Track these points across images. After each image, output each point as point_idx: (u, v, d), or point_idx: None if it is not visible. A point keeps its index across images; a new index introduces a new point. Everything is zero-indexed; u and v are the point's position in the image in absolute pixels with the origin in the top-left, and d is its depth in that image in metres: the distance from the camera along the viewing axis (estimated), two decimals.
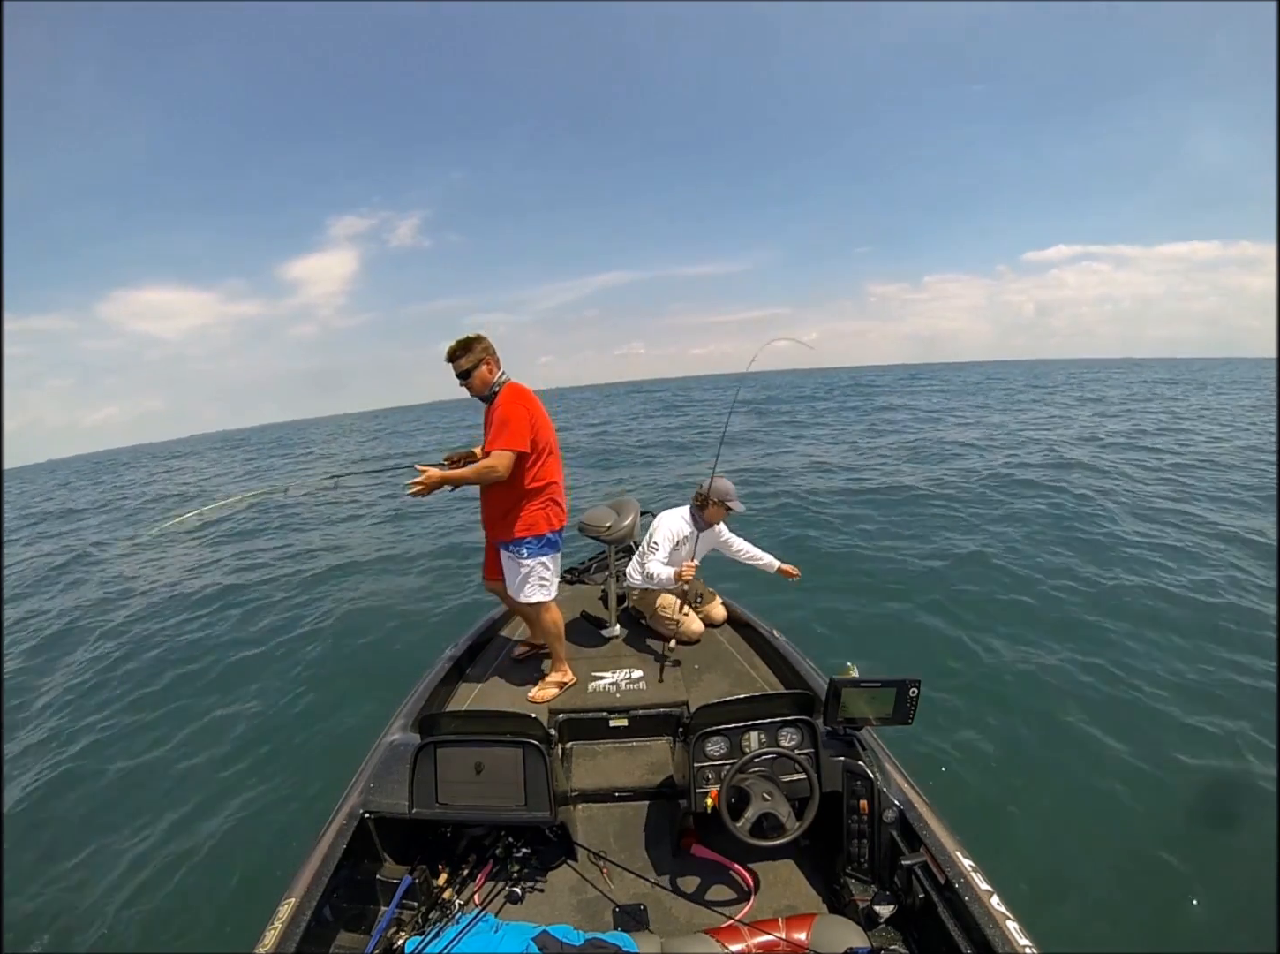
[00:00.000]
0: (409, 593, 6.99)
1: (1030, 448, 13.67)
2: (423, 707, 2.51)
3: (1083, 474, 10.54)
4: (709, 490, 3.05)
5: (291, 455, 30.70)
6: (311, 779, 3.60)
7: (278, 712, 4.55)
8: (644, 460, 15.82)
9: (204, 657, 5.76)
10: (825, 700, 2.04)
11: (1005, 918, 1.51)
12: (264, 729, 4.33)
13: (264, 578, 8.21)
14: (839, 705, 2.01)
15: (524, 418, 2.52)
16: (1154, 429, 16.42)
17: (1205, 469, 10.73)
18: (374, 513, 12.03)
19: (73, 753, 4.34)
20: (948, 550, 6.93)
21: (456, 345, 2.56)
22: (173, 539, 11.25)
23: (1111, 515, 8.03)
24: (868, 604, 5.52)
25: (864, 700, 2.00)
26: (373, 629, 5.86)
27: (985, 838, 2.54)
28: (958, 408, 24.74)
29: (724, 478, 3.07)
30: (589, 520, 3.29)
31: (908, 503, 9.18)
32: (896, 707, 1.98)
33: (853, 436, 17.46)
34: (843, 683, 2.00)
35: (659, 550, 3.12)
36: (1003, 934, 1.47)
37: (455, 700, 2.76)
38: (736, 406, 27.24)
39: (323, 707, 4.50)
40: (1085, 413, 21.30)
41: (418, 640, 5.45)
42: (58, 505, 19.46)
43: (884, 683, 1.98)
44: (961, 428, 18.18)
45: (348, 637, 5.78)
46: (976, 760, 3.42)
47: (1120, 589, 5.62)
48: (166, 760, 4.12)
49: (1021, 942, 1.45)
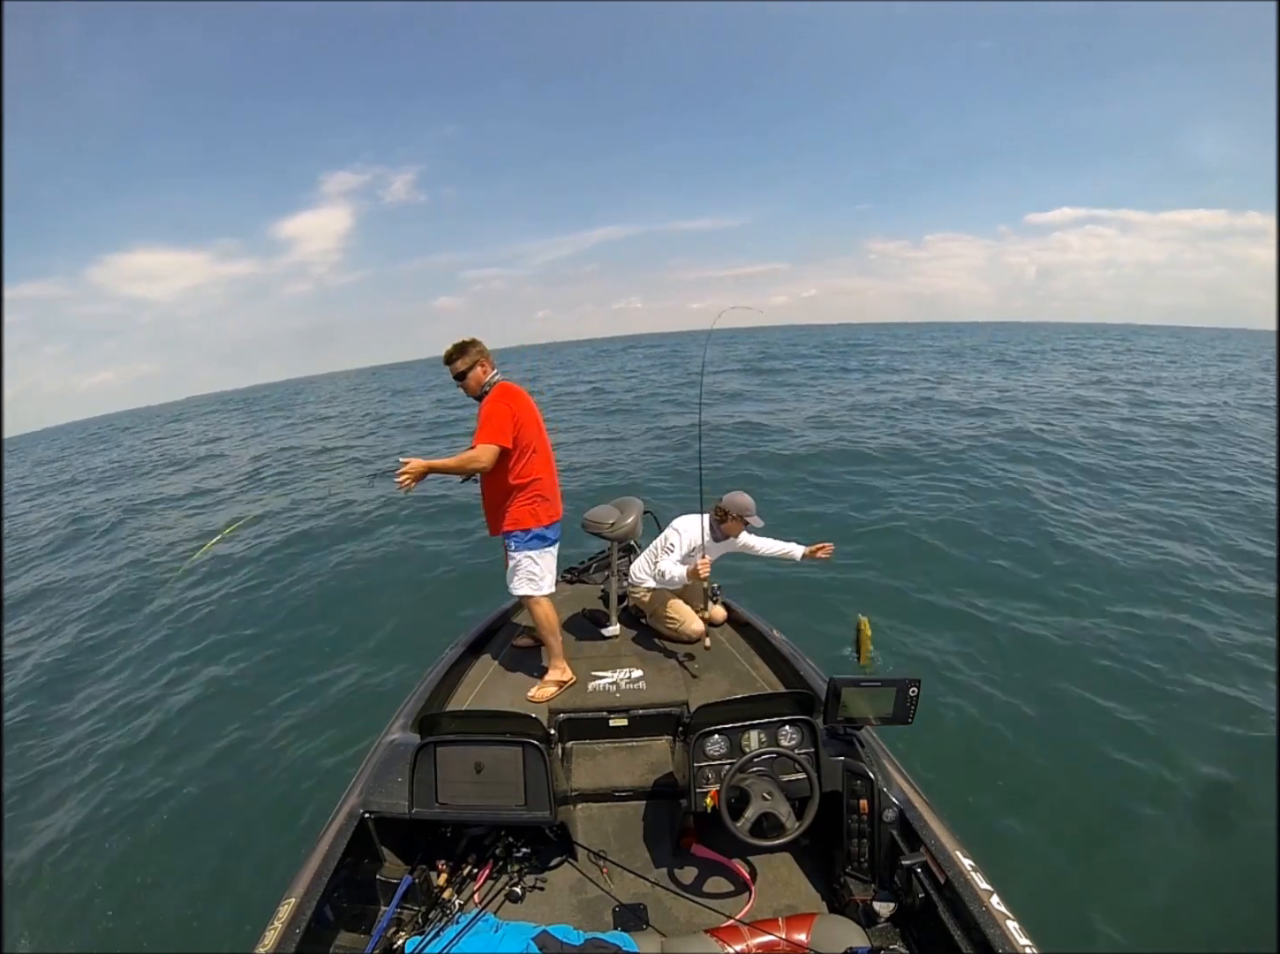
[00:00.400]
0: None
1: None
2: (423, 706, 2.51)
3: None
4: (728, 505, 3.09)
5: (290, 418, 29.92)
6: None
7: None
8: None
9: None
10: (825, 700, 2.04)
11: (1005, 918, 1.51)
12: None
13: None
14: (839, 705, 2.01)
15: (507, 414, 2.62)
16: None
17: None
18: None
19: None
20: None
21: (453, 349, 2.71)
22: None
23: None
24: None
25: (864, 700, 2.00)
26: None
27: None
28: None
29: (743, 493, 3.12)
30: (592, 517, 3.30)
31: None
32: (896, 706, 1.98)
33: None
34: (843, 682, 2.00)
35: (674, 552, 3.13)
36: (1003, 934, 1.47)
37: (455, 700, 2.76)
38: (729, 367, 27.15)
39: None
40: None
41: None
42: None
43: (884, 682, 1.97)
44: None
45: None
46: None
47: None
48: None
49: (1021, 941, 1.45)
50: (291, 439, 20.54)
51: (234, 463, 17.09)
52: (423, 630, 5.14)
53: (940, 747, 3.47)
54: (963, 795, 3.13)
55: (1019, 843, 2.87)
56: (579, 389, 25.35)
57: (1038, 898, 2.51)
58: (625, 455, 11.84)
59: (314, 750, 3.96)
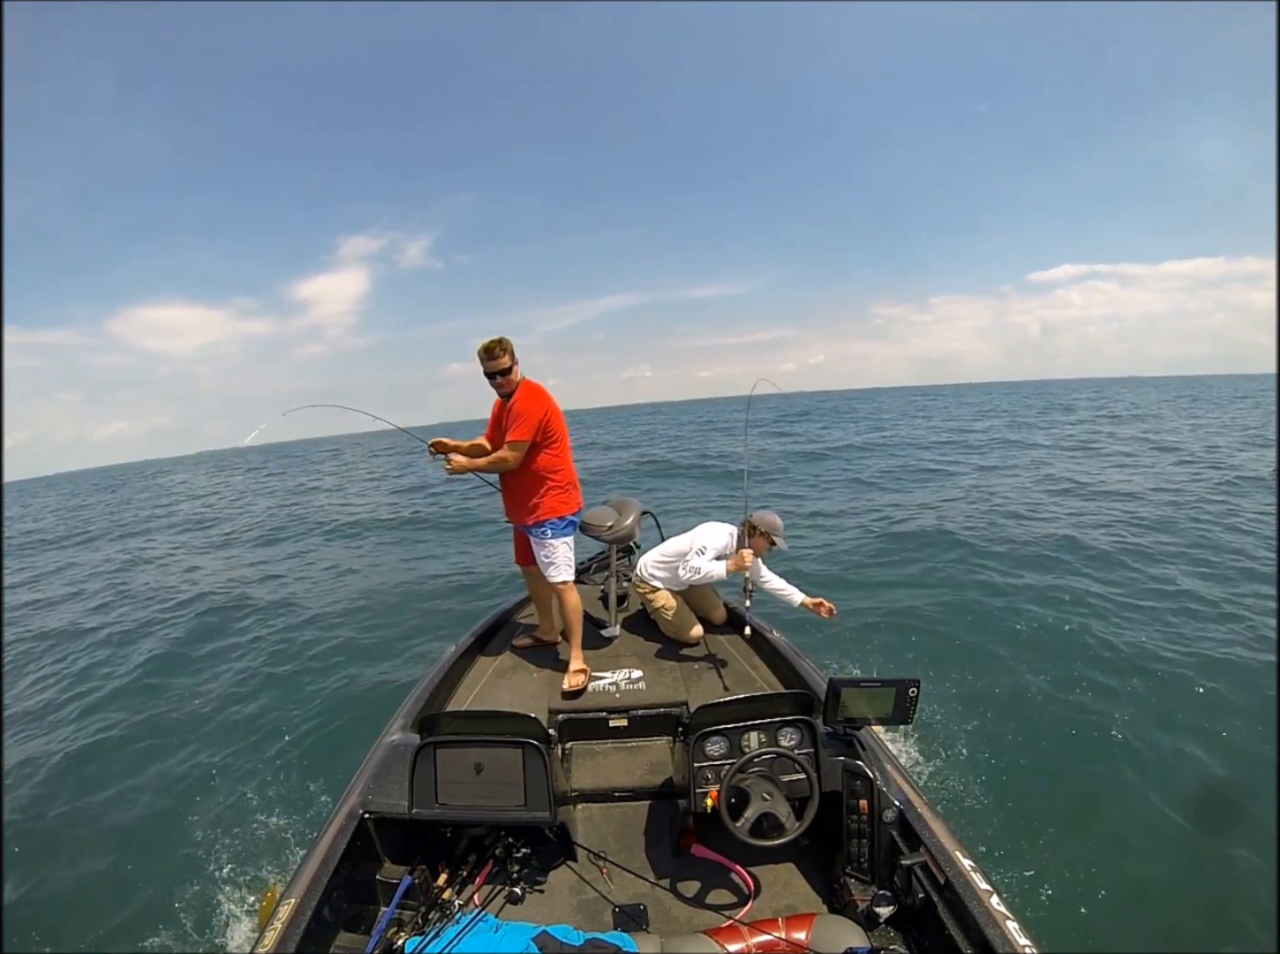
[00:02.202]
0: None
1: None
2: (422, 707, 2.51)
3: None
4: (759, 521, 3.02)
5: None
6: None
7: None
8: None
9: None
10: (825, 700, 2.04)
11: (1005, 918, 1.51)
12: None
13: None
14: (839, 705, 2.01)
15: (540, 412, 2.74)
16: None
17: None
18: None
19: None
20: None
21: (494, 343, 2.69)
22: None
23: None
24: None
25: (863, 700, 2.00)
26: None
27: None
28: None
29: (775, 513, 3.07)
30: (590, 519, 3.29)
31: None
32: (896, 706, 1.98)
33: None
34: (842, 682, 2.00)
35: (707, 552, 3.06)
36: (1002, 934, 1.47)
37: (455, 700, 2.76)
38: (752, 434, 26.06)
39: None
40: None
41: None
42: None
43: (884, 683, 1.98)
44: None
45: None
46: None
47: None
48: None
49: (1021, 941, 1.45)
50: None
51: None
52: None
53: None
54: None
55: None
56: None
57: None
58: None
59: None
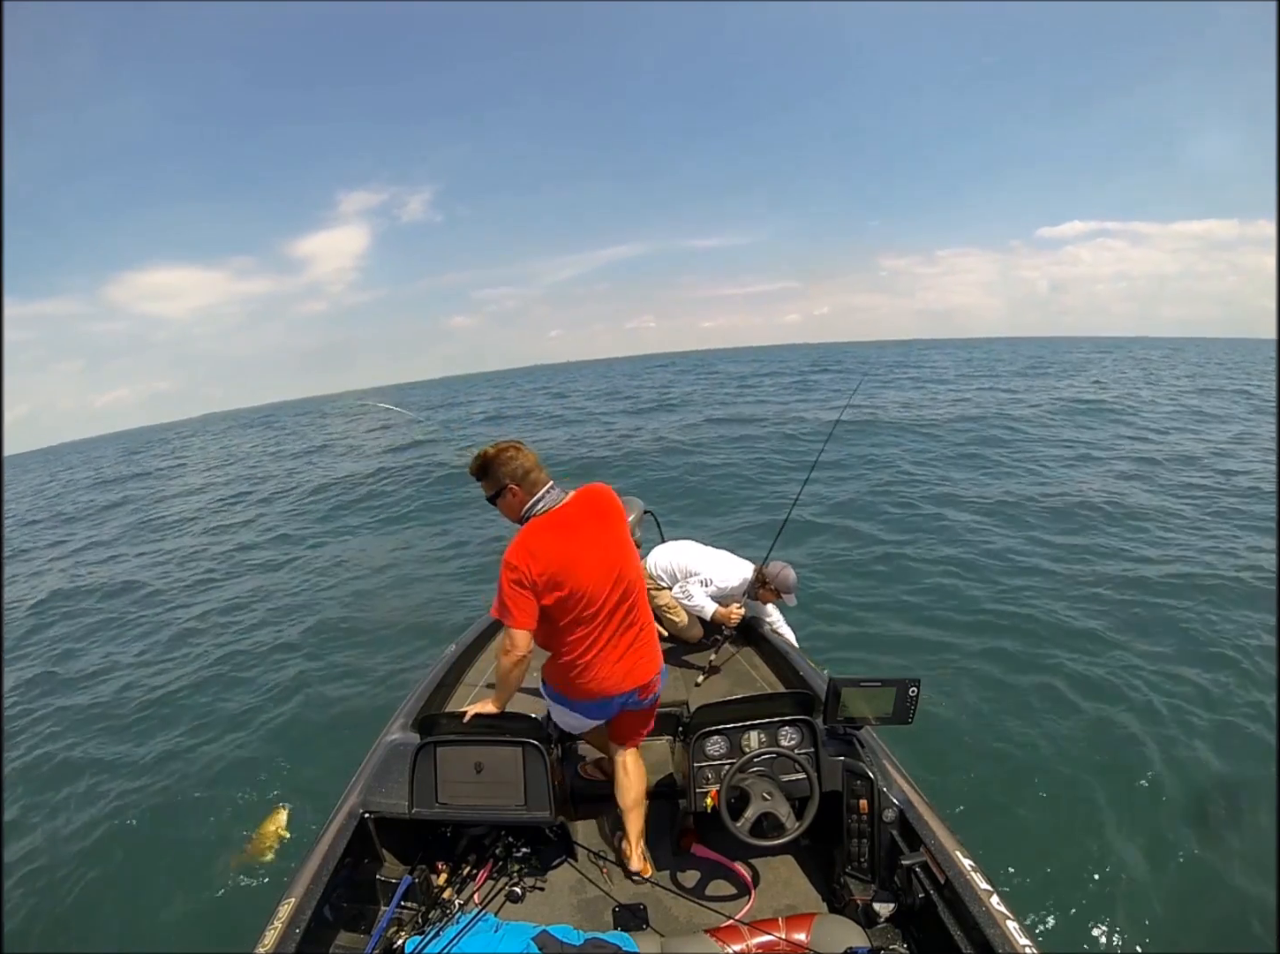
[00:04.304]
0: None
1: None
2: (422, 707, 2.51)
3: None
4: (771, 576, 2.97)
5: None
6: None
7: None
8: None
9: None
10: (825, 700, 2.03)
11: (1005, 918, 1.51)
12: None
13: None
14: (839, 705, 2.01)
15: (515, 589, 1.80)
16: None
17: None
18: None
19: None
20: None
21: (475, 464, 1.93)
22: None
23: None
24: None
25: (864, 700, 1.99)
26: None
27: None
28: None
29: (791, 570, 3.00)
30: None
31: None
32: (896, 706, 1.97)
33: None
34: (842, 682, 1.99)
35: (709, 587, 3.01)
36: (1002, 934, 1.47)
37: (455, 700, 2.76)
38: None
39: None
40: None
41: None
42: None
43: (884, 682, 1.97)
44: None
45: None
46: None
47: None
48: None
49: (1021, 941, 1.45)
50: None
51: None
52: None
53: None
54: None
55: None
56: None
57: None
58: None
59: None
